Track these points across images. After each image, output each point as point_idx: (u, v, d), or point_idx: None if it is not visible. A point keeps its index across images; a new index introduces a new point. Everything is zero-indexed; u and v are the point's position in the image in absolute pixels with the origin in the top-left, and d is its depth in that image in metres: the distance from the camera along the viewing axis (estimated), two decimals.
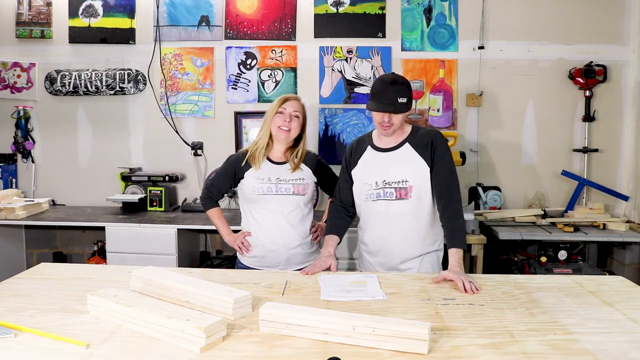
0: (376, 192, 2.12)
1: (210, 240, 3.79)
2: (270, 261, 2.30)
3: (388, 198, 2.09)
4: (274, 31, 3.66)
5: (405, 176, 2.08)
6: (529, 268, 3.22)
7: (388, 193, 2.09)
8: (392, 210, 2.10)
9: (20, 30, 3.74)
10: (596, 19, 3.57)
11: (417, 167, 2.08)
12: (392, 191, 2.09)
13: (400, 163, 2.10)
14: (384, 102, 2.02)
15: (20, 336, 1.32)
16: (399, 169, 2.09)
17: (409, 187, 2.07)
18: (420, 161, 2.08)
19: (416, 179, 2.07)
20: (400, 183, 2.08)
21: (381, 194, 2.11)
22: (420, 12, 3.62)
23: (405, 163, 2.09)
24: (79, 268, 1.99)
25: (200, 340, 1.24)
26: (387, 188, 2.09)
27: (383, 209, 2.11)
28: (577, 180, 3.52)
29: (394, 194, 2.09)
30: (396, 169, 2.09)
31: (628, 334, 1.38)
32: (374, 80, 2.16)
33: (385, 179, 2.10)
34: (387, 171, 2.10)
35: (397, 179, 2.08)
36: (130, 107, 3.78)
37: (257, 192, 2.26)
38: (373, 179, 2.12)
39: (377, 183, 2.11)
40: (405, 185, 2.07)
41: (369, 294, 1.68)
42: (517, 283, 1.81)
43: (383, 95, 2.02)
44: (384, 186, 2.10)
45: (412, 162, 2.09)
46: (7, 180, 3.80)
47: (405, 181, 2.07)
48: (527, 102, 3.64)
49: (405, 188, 2.07)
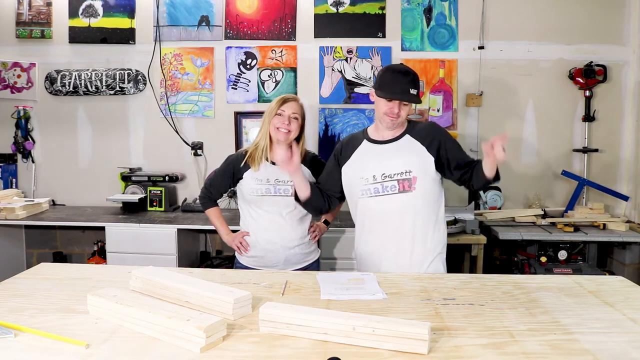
0: (374, 187, 1.99)
1: (210, 240, 3.79)
2: (269, 261, 2.30)
3: (389, 192, 1.97)
4: (274, 31, 3.66)
5: (408, 166, 1.96)
6: (529, 268, 3.22)
7: (389, 187, 1.97)
8: (392, 206, 1.98)
9: (20, 30, 3.74)
10: (596, 19, 3.57)
11: (420, 157, 1.98)
12: (394, 184, 1.96)
13: (402, 153, 1.99)
14: (397, 90, 1.92)
15: (20, 336, 1.32)
16: (401, 159, 1.98)
17: (413, 179, 1.95)
18: (423, 151, 1.98)
19: (420, 170, 1.96)
20: (404, 174, 1.95)
21: (379, 188, 1.98)
22: (420, 12, 3.62)
23: (408, 153, 1.99)
24: (79, 268, 1.99)
25: (200, 340, 1.24)
26: (387, 181, 1.97)
27: (381, 207, 1.99)
28: (577, 180, 3.52)
29: (396, 187, 1.96)
30: (397, 159, 1.98)
31: (628, 334, 1.37)
32: (380, 71, 2.06)
33: (385, 172, 1.98)
34: (387, 163, 1.99)
35: (399, 169, 1.96)
36: (130, 107, 3.78)
37: (256, 193, 2.26)
38: (369, 173, 2.00)
39: (374, 177, 1.99)
40: (409, 176, 1.95)
41: (369, 291, 1.69)
42: (517, 283, 1.81)
43: (396, 83, 1.93)
44: (383, 180, 1.97)
45: (415, 152, 1.99)
46: (7, 180, 3.80)
47: (409, 172, 1.95)
48: (527, 102, 3.64)
49: (409, 179, 1.95)
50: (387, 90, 1.95)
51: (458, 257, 3.46)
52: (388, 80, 1.96)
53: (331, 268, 3.07)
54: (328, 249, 3.09)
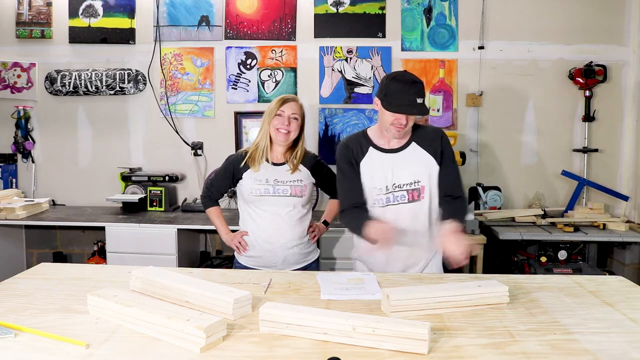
0: (385, 197, 2.02)
1: (210, 240, 3.79)
2: (267, 261, 2.30)
3: (399, 202, 2.01)
4: (274, 31, 3.66)
5: (417, 177, 2.00)
6: (529, 268, 3.22)
7: (399, 197, 2.00)
8: (403, 214, 2.00)
9: (20, 30, 3.74)
10: (596, 19, 3.57)
11: (427, 165, 2.01)
12: (403, 194, 2.00)
13: (411, 163, 2.01)
14: (405, 103, 1.89)
15: (20, 336, 1.32)
16: (410, 169, 2.01)
17: (422, 188, 2.00)
18: (429, 159, 2.02)
19: (427, 178, 2.01)
20: (413, 184, 2.00)
21: (390, 198, 2.01)
22: (420, 12, 3.62)
23: (416, 163, 2.01)
24: (79, 268, 1.99)
25: (200, 340, 1.24)
26: (397, 191, 2.00)
27: (392, 216, 2.00)
28: (577, 180, 3.52)
29: (405, 197, 2.00)
30: (407, 170, 2.01)
31: (628, 334, 1.38)
32: (384, 79, 2.00)
33: (395, 182, 2.01)
34: (397, 173, 2.01)
35: (408, 180, 2.00)
36: (130, 107, 3.78)
37: (255, 193, 2.26)
38: (382, 183, 2.02)
39: (387, 187, 2.01)
40: (417, 186, 2.00)
41: (368, 291, 1.69)
42: (517, 283, 1.81)
43: (403, 95, 1.89)
44: (394, 190, 2.01)
45: (423, 161, 2.02)
46: (7, 180, 3.80)
47: (418, 182, 2.00)
48: (527, 102, 3.64)
49: (418, 189, 2.00)
50: (394, 102, 1.91)
51: None
52: (394, 91, 1.91)
53: (331, 268, 3.07)
54: (328, 249, 3.09)
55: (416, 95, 1.90)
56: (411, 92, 1.90)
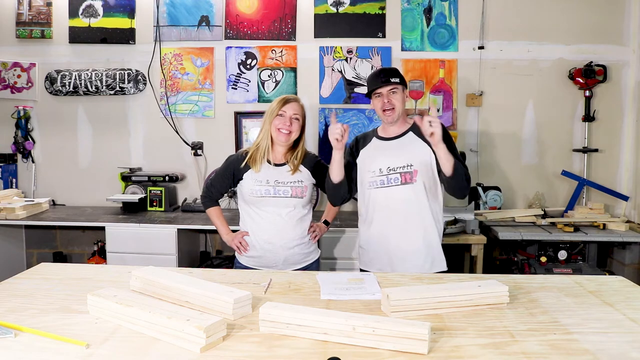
0: (380, 179, 2.19)
1: (210, 240, 3.80)
2: (268, 261, 2.29)
3: (392, 184, 2.17)
4: (274, 31, 3.66)
5: (410, 160, 2.17)
6: (529, 268, 3.22)
7: (392, 179, 2.17)
8: (395, 196, 2.17)
9: (20, 30, 3.74)
10: (596, 19, 3.57)
11: (421, 151, 2.17)
12: (397, 176, 2.17)
13: (405, 148, 2.20)
14: (378, 81, 2.18)
15: (20, 336, 1.32)
16: (404, 154, 2.19)
17: (414, 172, 2.16)
18: (424, 146, 2.17)
19: (420, 163, 2.16)
20: (406, 167, 2.17)
21: (385, 180, 2.19)
22: (420, 12, 3.62)
23: (410, 148, 2.20)
24: (79, 268, 1.99)
25: (200, 340, 1.24)
26: (391, 174, 2.18)
27: (384, 197, 2.18)
28: (577, 180, 3.52)
29: (399, 179, 2.17)
30: (401, 154, 2.19)
31: (628, 334, 1.37)
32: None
33: (390, 165, 2.18)
34: (392, 158, 2.19)
35: (402, 163, 2.17)
36: (130, 107, 3.78)
37: (256, 194, 2.26)
38: (377, 166, 2.21)
39: (380, 170, 2.19)
40: (410, 169, 2.16)
41: (368, 291, 1.69)
42: (517, 283, 1.81)
43: (377, 79, 2.19)
44: (388, 172, 2.18)
45: (417, 147, 2.19)
46: (7, 180, 3.80)
47: (410, 165, 2.16)
48: (527, 102, 3.64)
49: (410, 172, 2.16)
50: (370, 86, 2.23)
51: (458, 257, 3.47)
52: (370, 79, 2.26)
53: (331, 268, 3.07)
54: (328, 249, 3.09)
55: (389, 76, 2.18)
56: (382, 74, 2.20)
